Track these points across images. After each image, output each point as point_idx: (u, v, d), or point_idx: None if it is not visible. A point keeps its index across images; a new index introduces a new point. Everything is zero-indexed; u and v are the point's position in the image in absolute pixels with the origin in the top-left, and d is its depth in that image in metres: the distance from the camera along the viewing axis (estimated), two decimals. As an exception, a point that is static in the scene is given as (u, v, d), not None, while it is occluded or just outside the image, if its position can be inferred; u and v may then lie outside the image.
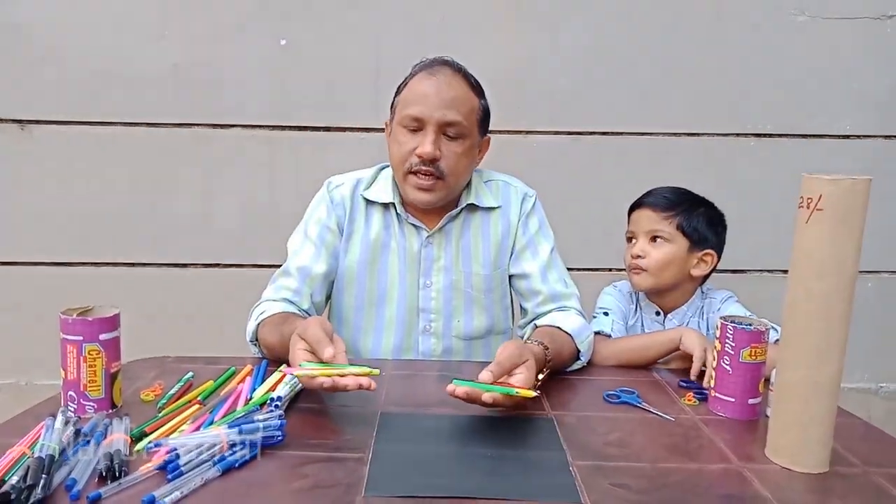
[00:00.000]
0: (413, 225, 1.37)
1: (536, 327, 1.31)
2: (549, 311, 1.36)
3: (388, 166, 1.40)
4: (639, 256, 1.41)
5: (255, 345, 1.28)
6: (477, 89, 1.34)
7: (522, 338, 1.39)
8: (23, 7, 2.10)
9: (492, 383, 0.97)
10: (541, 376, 1.09)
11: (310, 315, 1.34)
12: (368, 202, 1.39)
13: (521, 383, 0.99)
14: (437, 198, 1.32)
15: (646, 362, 1.31)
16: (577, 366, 1.27)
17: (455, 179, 1.32)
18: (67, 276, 2.23)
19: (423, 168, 1.28)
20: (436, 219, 1.37)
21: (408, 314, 1.38)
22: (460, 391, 0.95)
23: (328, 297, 1.42)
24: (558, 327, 1.26)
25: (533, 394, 0.98)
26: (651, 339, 1.32)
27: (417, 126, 1.28)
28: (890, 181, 2.23)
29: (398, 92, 1.35)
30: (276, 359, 1.21)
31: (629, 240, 1.47)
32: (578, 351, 1.26)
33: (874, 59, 2.20)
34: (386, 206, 1.38)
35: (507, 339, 1.46)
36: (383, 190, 1.38)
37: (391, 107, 1.37)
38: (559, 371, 1.23)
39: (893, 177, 2.24)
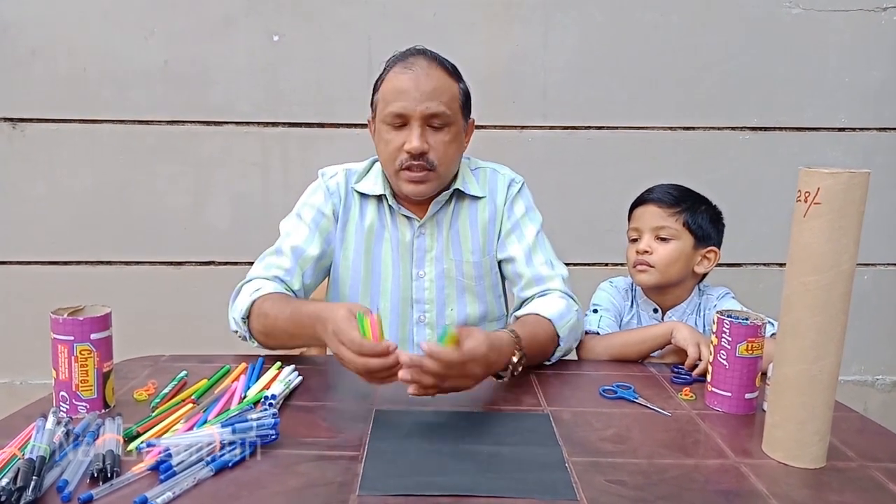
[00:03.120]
0: (405, 216, 1.37)
1: (517, 318, 1.30)
2: (532, 297, 1.35)
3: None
4: (645, 252, 1.39)
5: (245, 322, 1.23)
6: (455, 74, 1.32)
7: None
8: (11, 5, 2.08)
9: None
10: (515, 359, 1.09)
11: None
12: (362, 194, 1.39)
13: (469, 348, 0.96)
14: (431, 188, 1.32)
15: (638, 357, 1.30)
16: (559, 352, 1.25)
17: (446, 168, 1.32)
18: (61, 274, 2.22)
19: (415, 163, 1.27)
20: (426, 208, 1.37)
21: (402, 305, 1.37)
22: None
23: (316, 286, 1.41)
24: (536, 314, 1.25)
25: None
26: (643, 335, 1.31)
27: (402, 122, 1.28)
28: (885, 173, 2.24)
29: (376, 89, 1.33)
30: (266, 340, 1.19)
31: (632, 238, 1.45)
32: (558, 336, 1.23)
33: (869, 51, 2.20)
34: (378, 198, 1.39)
35: (502, 326, 1.44)
36: (374, 183, 1.38)
37: (371, 104, 1.35)
38: (543, 357, 1.22)
39: (889, 169, 2.25)
